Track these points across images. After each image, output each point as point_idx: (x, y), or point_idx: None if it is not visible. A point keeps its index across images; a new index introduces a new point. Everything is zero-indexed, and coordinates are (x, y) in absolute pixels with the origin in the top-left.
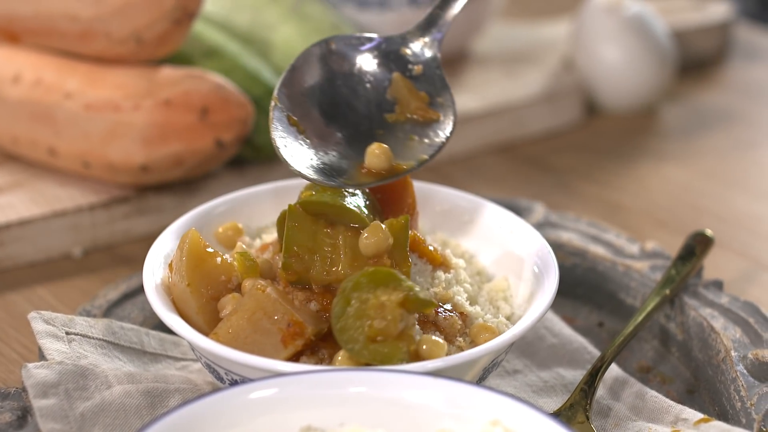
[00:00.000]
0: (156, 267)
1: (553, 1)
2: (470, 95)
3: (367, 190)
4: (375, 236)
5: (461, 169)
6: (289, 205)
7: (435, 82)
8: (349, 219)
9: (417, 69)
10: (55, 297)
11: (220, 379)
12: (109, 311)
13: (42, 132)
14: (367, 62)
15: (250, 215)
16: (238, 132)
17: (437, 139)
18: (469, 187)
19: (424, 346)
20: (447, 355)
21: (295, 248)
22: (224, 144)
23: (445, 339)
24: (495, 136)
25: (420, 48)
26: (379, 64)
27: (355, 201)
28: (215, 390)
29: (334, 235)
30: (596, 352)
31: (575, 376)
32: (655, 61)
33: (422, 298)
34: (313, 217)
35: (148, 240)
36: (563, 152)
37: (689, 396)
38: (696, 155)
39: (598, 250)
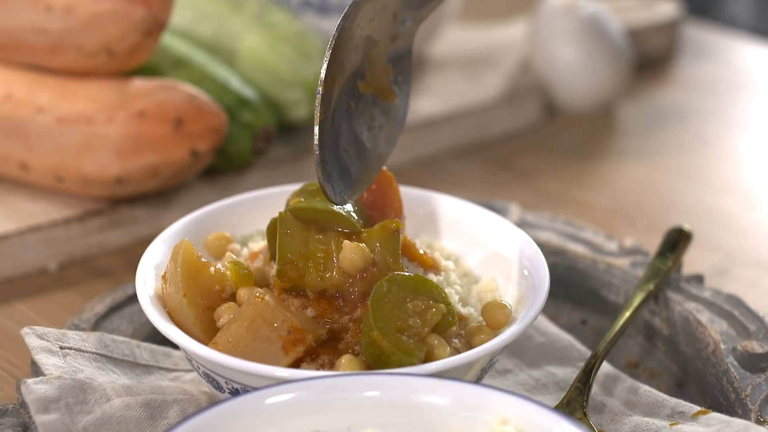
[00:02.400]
0: (148, 278)
1: (506, 4)
2: (431, 99)
3: None
4: (355, 254)
5: (428, 173)
6: (280, 213)
7: (403, 60)
8: (340, 224)
9: (396, 37)
10: (36, 312)
11: (219, 388)
12: (97, 325)
13: (13, 147)
14: (369, 18)
15: (235, 224)
16: (213, 141)
17: (393, 131)
18: (437, 189)
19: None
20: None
21: (289, 255)
22: (199, 154)
23: None
24: (458, 138)
25: (406, 18)
26: (374, 24)
27: (344, 206)
28: (231, 396)
29: (325, 241)
30: (584, 349)
31: (566, 373)
32: (611, 61)
33: (451, 321)
34: (303, 223)
35: (122, 252)
36: (527, 153)
37: (679, 389)
38: (656, 152)
39: (577, 248)
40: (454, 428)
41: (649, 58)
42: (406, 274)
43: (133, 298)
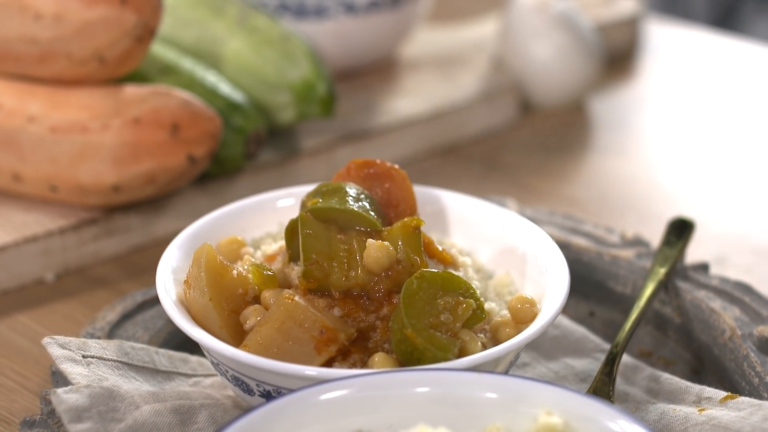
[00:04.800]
0: (168, 284)
1: (475, 3)
2: (408, 99)
3: (371, 195)
4: (380, 252)
5: (412, 172)
6: (300, 214)
7: None
8: (359, 223)
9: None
10: (38, 323)
11: (249, 391)
12: (112, 333)
13: (5, 158)
14: None
15: (243, 228)
16: (209, 146)
17: None
18: None
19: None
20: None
21: (314, 256)
22: (196, 159)
23: None
24: (438, 138)
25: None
26: None
27: (362, 205)
28: (272, 398)
29: (347, 240)
30: (598, 341)
31: (584, 364)
32: (583, 56)
33: (480, 316)
34: (324, 224)
35: (117, 260)
36: (508, 150)
37: (695, 377)
38: (633, 145)
39: (580, 241)
40: (501, 421)
41: (613, 54)
42: (434, 270)
43: (144, 305)
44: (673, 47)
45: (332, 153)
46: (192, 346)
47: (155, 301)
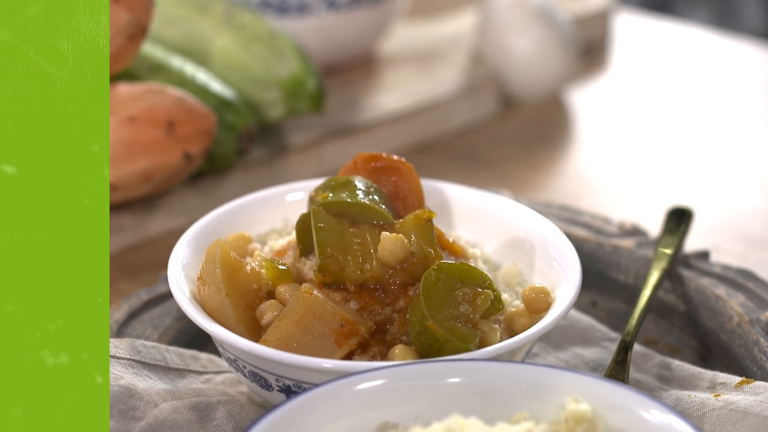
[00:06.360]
0: (180, 281)
1: None
2: (390, 95)
3: (380, 188)
4: (395, 245)
5: None
6: (312, 208)
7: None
8: (371, 216)
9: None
10: None
11: (267, 386)
12: (120, 332)
13: None
14: None
15: (249, 224)
16: (205, 143)
17: None
18: None
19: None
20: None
21: (329, 249)
22: (192, 156)
23: None
24: (422, 132)
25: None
26: None
27: (372, 198)
28: (312, 386)
29: (360, 233)
30: (605, 330)
31: (593, 353)
32: (562, 49)
33: (498, 307)
34: (336, 217)
35: (111, 260)
36: (492, 144)
37: (703, 363)
38: (615, 136)
39: (579, 231)
40: (529, 410)
41: (586, 46)
42: (452, 262)
43: (150, 303)
44: (644, 38)
45: (320, 149)
46: (201, 344)
47: (161, 299)
